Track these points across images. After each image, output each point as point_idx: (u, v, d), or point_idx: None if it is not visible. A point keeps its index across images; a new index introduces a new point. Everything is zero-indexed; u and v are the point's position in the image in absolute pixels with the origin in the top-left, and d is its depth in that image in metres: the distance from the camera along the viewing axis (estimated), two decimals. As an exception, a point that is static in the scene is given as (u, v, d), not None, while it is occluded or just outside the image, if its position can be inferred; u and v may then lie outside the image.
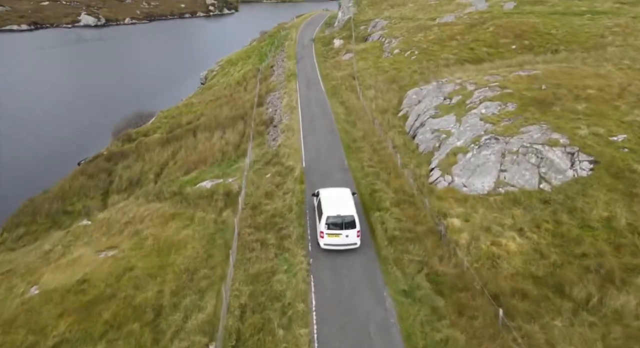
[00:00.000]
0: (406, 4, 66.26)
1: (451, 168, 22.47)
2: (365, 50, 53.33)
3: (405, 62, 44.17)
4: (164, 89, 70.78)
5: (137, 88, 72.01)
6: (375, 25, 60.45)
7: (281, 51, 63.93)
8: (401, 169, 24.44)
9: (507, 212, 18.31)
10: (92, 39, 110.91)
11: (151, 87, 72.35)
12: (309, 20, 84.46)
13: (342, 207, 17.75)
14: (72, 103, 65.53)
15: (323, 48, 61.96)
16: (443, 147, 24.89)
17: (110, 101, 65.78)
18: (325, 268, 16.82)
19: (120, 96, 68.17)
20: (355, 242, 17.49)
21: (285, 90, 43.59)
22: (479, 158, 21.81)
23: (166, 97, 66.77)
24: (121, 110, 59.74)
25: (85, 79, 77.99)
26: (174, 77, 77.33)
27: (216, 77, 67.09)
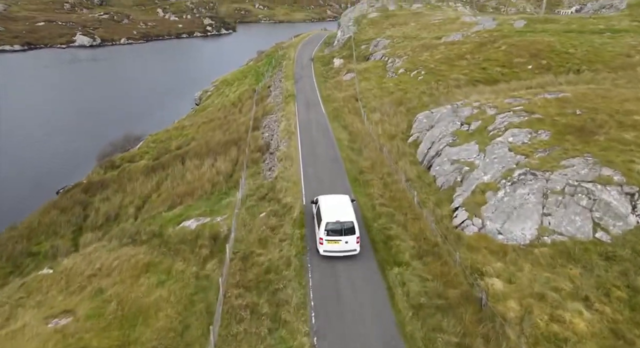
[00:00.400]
0: (408, 23, 63.74)
1: (480, 209, 18.75)
2: (368, 70, 50.28)
3: (412, 82, 40.96)
4: (157, 110, 67.42)
5: (129, 109, 68.63)
6: (376, 44, 57.66)
7: (279, 71, 60.94)
8: (419, 207, 20.72)
9: (562, 271, 14.50)
10: (86, 59, 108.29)
11: (144, 108, 69.02)
12: (307, 40, 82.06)
13: (341, 213, 17.62)
14: (60, 124, 61.99)
15: (323, 68, 59.01)
16: (467, 182, 21.22)
17: (101, 122, 62.25)
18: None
19: (111, 117, 64.66)
20: (355, 248, 17.33)
21: (283, 112, 40.18)
22: (515, 198, 18.11)
23: (158, 118, 63.38)
24: (111, 132, 56.20)
25: (75, 99, 74.63)
26: (168, 98, 74.10)
27: (211, 98, 63.90)
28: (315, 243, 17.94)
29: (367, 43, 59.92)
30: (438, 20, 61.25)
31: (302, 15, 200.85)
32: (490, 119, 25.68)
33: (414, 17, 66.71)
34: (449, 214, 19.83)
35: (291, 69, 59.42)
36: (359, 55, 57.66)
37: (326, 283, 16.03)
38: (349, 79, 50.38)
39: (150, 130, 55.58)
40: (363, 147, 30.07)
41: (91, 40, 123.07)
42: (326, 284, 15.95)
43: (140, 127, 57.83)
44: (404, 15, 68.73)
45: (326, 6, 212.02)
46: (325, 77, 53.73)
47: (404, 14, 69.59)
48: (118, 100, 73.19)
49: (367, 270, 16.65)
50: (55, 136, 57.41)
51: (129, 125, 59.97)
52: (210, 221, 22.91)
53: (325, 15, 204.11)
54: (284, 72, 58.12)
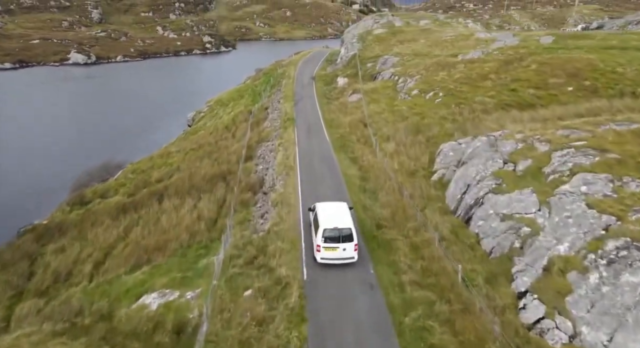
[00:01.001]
0: (417, 39, 58.61)
1: (564, 301, 12.69)
2: (376, 91, 44.77)
3: (429, 105, 35.31)
4: (147, 132, 61.78)
5: (117, 130, 63.00)
6: (384, 62, 52.31)
7: (277, 91, 55.52)
8: (465, 289, 14.67)
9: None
10: (79, 77, 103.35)
11: (133, 129, 63.39)
12: (308, 57, 77.06)
13: (339, 219, 17.14)
14: (42, 146, 56.27)
15: (325, 87, 53.57)
16: (531, 251, 15.20)
17: (86, 144, 56.48)
18: None
19: (97, 139, 58.91)
20: (353, 256, 16.85)
21: (281, 140, 34.41)
22: (621, 288, 12.06)
23: (146, 141, 57.71)
24: (95, 155, 50.55)
25: (62, 119, 69.08)
26: (160, 118, 68.56)
27: (203, 120, 58.33)
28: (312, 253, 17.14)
29: (374, 61, 54.60)
30: (450, 37, 56.09)
31: (303, 33, 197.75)
32: (543, 157, 19.78)
33: (422, 34, 61.66)
34: (512, 303, 13.75)
35: (291, 88, 53.98)
36: (365, 74, 52.27)
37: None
38: (355, 100, 44.82)
39: (135, 155, 49.88)
40: (378, 187, 24.14)
41: (86, 58, 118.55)
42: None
43: (125, 152, 52.15)
44: (412, 32, 63.72)
45: (327, 24, 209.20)
46: (329, 98, 48.19)
47: (412, 31, 64.61)
48: (107, 120, 67.64)
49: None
50: (36, 159, 51.68)
51: (115, 148, 54.32)
52: (178, 298, 16.82)
53: (326, 33, 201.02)
54: (283, 92, 52.65)
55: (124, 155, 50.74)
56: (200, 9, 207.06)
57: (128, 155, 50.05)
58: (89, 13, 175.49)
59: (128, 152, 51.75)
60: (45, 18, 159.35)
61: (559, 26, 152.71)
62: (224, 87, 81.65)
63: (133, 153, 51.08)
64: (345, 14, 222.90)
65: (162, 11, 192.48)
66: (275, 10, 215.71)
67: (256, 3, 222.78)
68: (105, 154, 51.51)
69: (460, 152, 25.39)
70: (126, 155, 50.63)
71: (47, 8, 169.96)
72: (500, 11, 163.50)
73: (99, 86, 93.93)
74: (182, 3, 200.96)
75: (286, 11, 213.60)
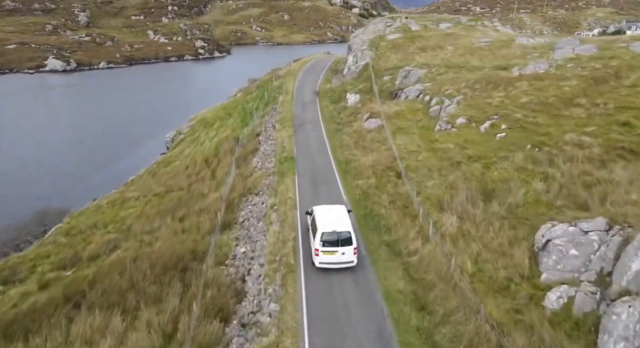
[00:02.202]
0: (443, 46, 47.15)
1: None
2: (401, 115, 33.29)
3: (489, 144, 23.83)
4: (115, 158, 50.04)
5: (80, 155, 51.28)
6: (406, 75, 40.78)
7: (272, 110, 43.91)
8: None
9: None
10: (55, 86, 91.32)
11: (100, 153, 51.63)
12: (309, 66, 65.43)
13: (337, 222, 16.41)
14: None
15: (332, 107, 42.01)
16: None
17: (33, 178, 44.76)
18: None
19: (50, 168, 47.12)
20: (352, 260, 16.09)
21: (274, 198, 22.81)
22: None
23: (113, 170, 46.08)
24: (44, 194, 39.11)
25: (17, 141, 57.19)
26: (134, 139, 56.85)
27: (181, 145, 46.66)
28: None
29: (392, 73, 43.07)
30: (484, 43, 44.66)
31: (302, 38, 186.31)
32: None
33: (447, 39, 50.25)
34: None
35: (289, 108, 42.39)
36: (382, 91, 40.74)
37: None
38: (373, 127, 33.30)
39: (90, 193, 38.32)
40: (453, 332, 12.58)
41: (65, 64, 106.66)
42: None
43: (79, 189, 40.48)
44: (433, 37, 52.29)
45: (326, 28, 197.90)
46: (338, 123, 36.64)
47: (433, 35, 53.20)
48: (69, 142, 55.83)
49: None
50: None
51: (70, 182, 42.66)
52: None
53: (325, 37, 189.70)
54: (280, 113, 41.06)
55: (77, 193, 39.10)
56: (194, 12, 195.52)
57: (82, 194, 38.42)
58: (75, 16, 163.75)
59: (83, 190, 40.07)
60: (27, 21, 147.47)
61: (573, 30, 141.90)
62: (212, 100, 70.09)
63: (88, 191, 39.43)
64: (344, 18, 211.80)
65: (154, 14, 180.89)
66: (272, 13, 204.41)
67: (253, 6, 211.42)
68: (55, 192, 39.91)
69: (590, 247, 14.03)
70: (80, 193, 39.00)
71: (30, 11, 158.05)
72: (510, 15, 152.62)
73: (72, 97, 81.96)
74: (176, 6, 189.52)
75: (284, 15, 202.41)
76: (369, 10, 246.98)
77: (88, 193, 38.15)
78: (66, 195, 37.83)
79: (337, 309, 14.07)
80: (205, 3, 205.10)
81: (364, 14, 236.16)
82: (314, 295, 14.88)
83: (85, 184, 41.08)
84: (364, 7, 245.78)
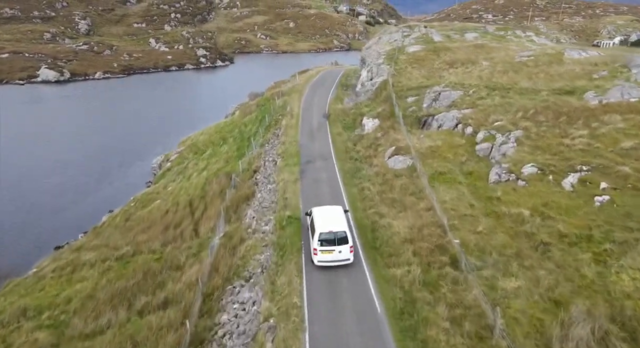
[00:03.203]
0: (476, 61, 39.40)
1: None
2: (438, 153, 25.57)
3: (587, 214, 16.00)
4: (95, 188, 42.47)
5: (56, 184, 43.78)
6: (436, 97, 33.06)
7: (274, 136, 36.35)
8: None
9: None
10: (45, 98, 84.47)
11: (81, 181, 44.16)
12: (317, 79, 57.89)
13: (334, 223, 16.98)
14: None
15: (346, 134, 34.31)
16: None
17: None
18: None
19: (13, 205, 39.74)
20: (349, 257, 16.65)
21: (271, 300, 15.05)
22: None
23: (87, 206, 38.64)
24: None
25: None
26: (120, 162, 49.29)
27: (168, 175, 39.10)
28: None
29: (417, 94, 35.38)
30: (528, 58, 36.90)
31: (307, 46, 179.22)
32: None
33: (479, 52, 42.56)
34: None
35: (294, 135, 34.73)
36: (407, 115, 33.05)
37: None
38: (401, 167, 25.58)
39: (47, 243, 30.90)
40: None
41: (58, 75, 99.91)
42: None
43: (35, 237, 32.96)
44: (461, 49, 44.60)
45: (333, 36, 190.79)
46: (355, 160, 28.87)
47: (461, 47, 45.50)
48: (43, 168, 48.37)
49: None
50: None
51: (33, 223, 35.22)
52: None
53: (331, 45, 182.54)
54: (283, 143, 33.42)
55: (31, 244, 31.60)
56: (198, 20, 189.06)
57: (35, 245, 30.92)
58: (75, 24, 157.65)
59: (39, 238, 32.54)
60: (25, 29, 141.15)
61: (592, 38, 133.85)
62: (209, 117, 62.78)
63: (47, 239, 31.96)
64: (351, 26, 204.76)
65: (157, 22, 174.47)
66: (277, 21, 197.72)
67: (258, 14, 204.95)
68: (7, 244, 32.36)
69: None
70: (33, 244, 31.49)
71: (29, 18, 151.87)
72: (524, 22, 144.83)
73: (60, 111, 74.64)
74: (179, 14, 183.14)
75: (289, 22, 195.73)
76: (375, 17, 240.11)
77: (45, 243, 30.68)
78: (17, 248, 30.30)
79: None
80: (209, 10, 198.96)
81: (371, 21, 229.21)
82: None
83: (45, 229, 33.54)
84: (370, 14, 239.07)
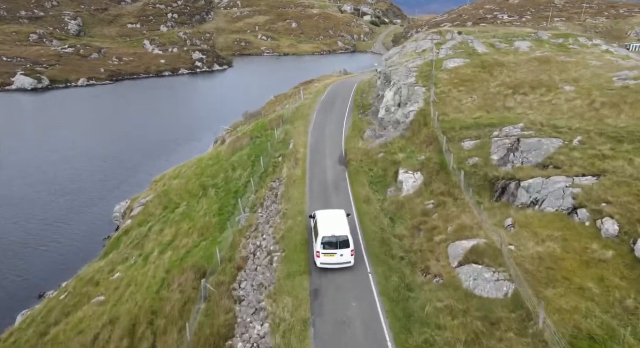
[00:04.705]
0: (552, 85, 27.55)
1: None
2: (558, 270, 13.95)
3: None
4: (27, 253, 31.07)
5: None
6: (514, 146, 21.32)
7: (271, 195, 24.75)
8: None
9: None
10: (11, 112, 72.76)
11: (13, 252, 32.63)
12: (325, 97, 46.14)
13: (336, 228, 17.41)
14: None
15: (376, 198, 22.64)
16: None
17: None
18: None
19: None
20: (350, 261, 17.11)
21: None
22: None
23: (10, 285, 27.20)
24: None
25: None
26: (75, 209, 37.79)
27: (122, 245, 27.47)
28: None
29: (478, 135, 23.68)
30: (634, 82, 25.15)
31: (310, 48, 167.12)
32: None
33: (548, 70, 30.75)
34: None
35: (300, 200, 23.03)
36: (468, 171, 21.40)
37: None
38: (494, 296, 14.08)
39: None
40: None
41: (35, 82, 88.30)
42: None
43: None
44: (520, 65, 32.78)
45: (337, 37, 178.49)
46: (401, 259, 17.17)
47: (519, 62, 33.66)
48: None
49: None
50: None
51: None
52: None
53: (336, 47, 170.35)
54: (284, 216, 21.74)
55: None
56: (196, 20, 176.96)
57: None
58: (65, 25, 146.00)
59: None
60: (10, 30, 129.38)
61: (618, 41, 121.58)
62: (193, 144, 51.48)
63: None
64: (356, 26, 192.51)
65: (153, 23, 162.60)
66: (279, 21, 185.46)
67: (259, 14, 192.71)
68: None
69: None
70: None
71: (15, 19, 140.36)
72: (543, 23, 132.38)
73: (19, 129, 62.83)
74: (176, 14, 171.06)
75: (292, 23, 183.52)
76: (380, 17, 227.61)
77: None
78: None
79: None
80: (208, 10, 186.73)
81: (376, 21, 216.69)
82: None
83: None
84: (375, 14, 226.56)
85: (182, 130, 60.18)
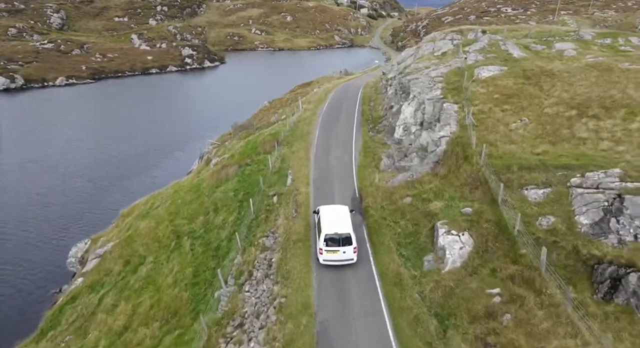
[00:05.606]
0: (632, 105, 20.78)
1: None
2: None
3: None
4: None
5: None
6: (614, 207, 14.54)
7: (262, 260, 17.77)
8: None
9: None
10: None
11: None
12: (327, 107, 38.92)
13: (339, 225, 17.09)
14: None
15: (409, 275, 15.79)
16: None
17: None
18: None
19: None
20: (352, 257, 16.91)
21: None
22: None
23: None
24: None
25: None
26: (32, 247, 30.65)
27: (62, 322, 20.47)
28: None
29: (546, 181, 16.78)
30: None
31: (306, 42, 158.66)
32: None
33: (612, 81, 23.91)
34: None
35: (303, 276, 16.07)
36: (546, 243, 14.50)
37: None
38: None
39: None
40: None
41: (7, 82, 79.96)
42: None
43: None
44: (574, 74, 25.85)
45: (333, 31, 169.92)
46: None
47: (570, 70, 26.70)
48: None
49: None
50: None
51: None
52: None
53: (333, 41, 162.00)
54: (281, 306, 14.77)
55: None
56: (187, 13, 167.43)
57: None
58: (47, 18, 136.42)
59: None
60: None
61: (630, 35, 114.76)
62: (171, 162, 44.23)
63: None
64: (353, 19, 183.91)
65: (141, 16, 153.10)
66: (274, 15, 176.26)
67: (253, 7, 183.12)
68: None
69: None
70: None
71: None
72: (549, 16, 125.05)
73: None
74: (165, 6, 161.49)
75: (286, 16, 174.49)
76: (377, 10, 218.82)
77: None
78: None
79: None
80: (199, 3, 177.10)
81: (373, 14, 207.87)
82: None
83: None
84: (372, 7, 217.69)
85: (166, 138, 52.66)
